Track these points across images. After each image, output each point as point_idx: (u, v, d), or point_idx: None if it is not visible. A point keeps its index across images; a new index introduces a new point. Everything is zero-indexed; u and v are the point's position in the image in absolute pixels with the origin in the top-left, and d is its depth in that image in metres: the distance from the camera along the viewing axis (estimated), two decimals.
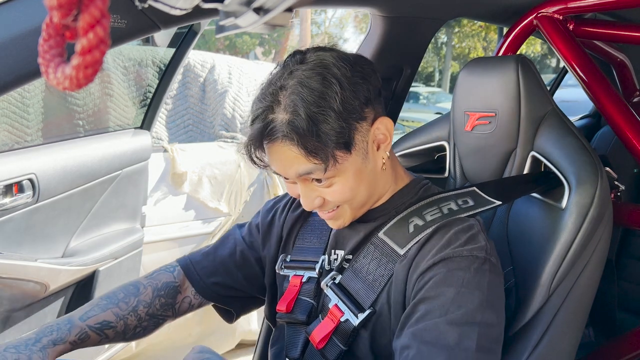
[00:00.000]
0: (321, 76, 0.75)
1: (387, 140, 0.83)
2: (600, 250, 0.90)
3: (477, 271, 0.75)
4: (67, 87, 0.36)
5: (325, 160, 0.75)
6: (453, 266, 0.75)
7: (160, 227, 2.23)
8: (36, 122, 1.65)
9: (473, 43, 18.03)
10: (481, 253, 0.77)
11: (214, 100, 2.73)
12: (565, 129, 0.97)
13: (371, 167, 0.82)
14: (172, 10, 0.51)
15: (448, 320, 0.71)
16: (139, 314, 0.94)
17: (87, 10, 0.34)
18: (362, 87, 0.78)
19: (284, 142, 0.75)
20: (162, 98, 1.91)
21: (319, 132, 0.73)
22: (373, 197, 0.86)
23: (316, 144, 0.74)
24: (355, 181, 0.80)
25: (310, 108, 0.73)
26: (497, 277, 0.78)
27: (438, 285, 0.74)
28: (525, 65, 0.98)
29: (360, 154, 0.79)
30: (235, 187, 2.48)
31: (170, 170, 2.27)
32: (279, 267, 0.97)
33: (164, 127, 2.72)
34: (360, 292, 0.83)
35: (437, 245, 0.78)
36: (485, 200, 0.88)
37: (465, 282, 0.74)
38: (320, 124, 0.73)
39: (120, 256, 1.74)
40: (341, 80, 0.75)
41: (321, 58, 0.77)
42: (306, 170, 0.77)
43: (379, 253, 0.84)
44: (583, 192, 0.88)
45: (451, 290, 0.73)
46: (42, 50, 0.39)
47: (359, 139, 0.79)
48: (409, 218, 0.84)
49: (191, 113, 2.77)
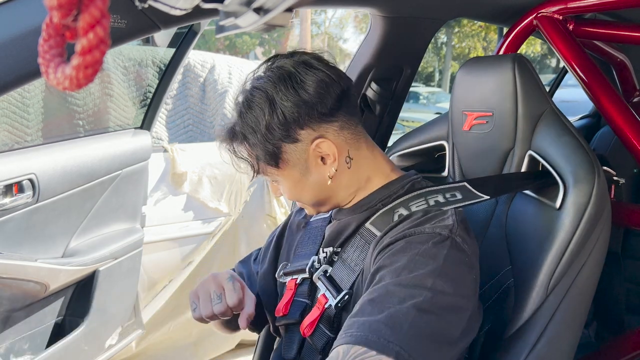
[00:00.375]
0: (260, 97, 0.83)
1: (332, 159, 0.86)
2: (598, 249, 0.90)
3: (436, 244, 0.75)
4: (67, 87, 0.36)
5: (256, 168, 0.87)
6: (413, 239, 0.76)
7: (160, 227, 2.23)
8: (36, 122, 1.65)
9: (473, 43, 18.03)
10: (444, 231, 0.77)
11: (214, 100, 2.73)
12: (562, 128, 0.97)
13: (314, 179, 0.87)
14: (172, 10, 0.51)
15: (396, 282, 0.71)
16: None
17: (87, 10, 0.34)
18: (301, 111, 0.82)
19: (227, 145, 0.89)
20: (162, 98, 1.91)
21: (248, 145, 0.85)
22: (332, 199, 0.90)
23: (246, 153, 0.87)
24: (296, 189, 0.88)
25: (244, 126, 0.85)
26: (459, 253, 0.76)
27: (394, 254, 0.75)
28: (522, 64, 0.98)
29: (296, 169, 0.86)
30: (235, 187, 2.48)
31: (170, 170, 2.27)
32: (278, 274, 1.00)
33: (164, 127, 2.73)
34: (343, 278, 0.86)
35: (405, 225, 0.80)
36: (473, 195, 0.89)
37: (420, 251, 0.74)
38: (249, 141, 0.85)
39: (120, 256, 1.74)
40: (275, 104, 0.82)
41: (271, 76, 0.84)
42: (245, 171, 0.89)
43: (364, 241, 0.86)
44: (580, 191, 0.88)
45: (405, 258, 0.73)
46: (42, 50, 0.40)
47: (294, 157, 0.85)
48: (395, 208, 0.86)
49: (191, 113, 2.78)
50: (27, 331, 1.53)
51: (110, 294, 1.74)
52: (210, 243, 2.42)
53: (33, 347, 1.55)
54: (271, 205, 2.61)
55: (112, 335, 1.82)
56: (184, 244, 2.34)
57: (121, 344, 1.89)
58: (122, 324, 1.87)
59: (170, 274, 2.34)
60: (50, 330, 1.62)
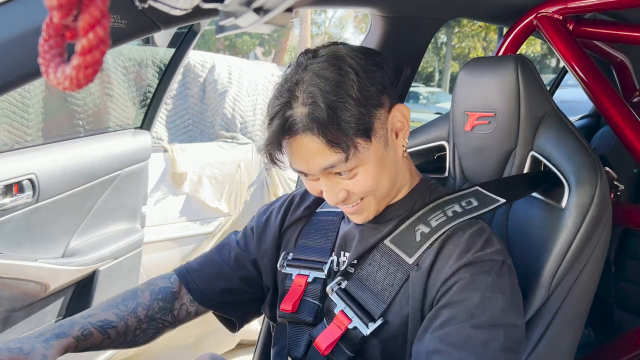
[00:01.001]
0: (336, 66, 0.76)
1: (404, 128, 0.84)
2: (599, 250, 0.90)
3: (499, 274, 0.76)
4: (67, 87, 0.36)
5: (347, 149, 0.75)
6: (476, 270, 0.76)
7: (160, 227, 2.23)
8: (36, 122, 1.65)
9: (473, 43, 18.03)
10: (500, 256, 0.78)
11: (214, 100, 2.73)
12: (564, 128, 0.97)
13: (392, 155, 0.83)
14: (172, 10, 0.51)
15: (474, 324, 0.71)
16: (139, 316, 0.94)
17: (87, 10, 0.34)
18: (378, 74, 0.79)
19: (305, 134, 0.75)
20: (162, 98, 1.91)
21: (339, 121, 0.74)
22: (394, 188, 0.87)
23: (337, 133, 0.74)
24: (378, 170, 0.81)
25: (329, 97, 0.73)
26: (513, 277, 0.79)
27: (462, 290, 0.74)
28: (525, 65, 0.98)
29: (381, 141, 0.80)
30: (235, 187, 2.48)
31: (170, 170, 2.27)
32: (280, 264, 0.96)
33: (164, 127, 2.73)
34: (369, 301, 0.83)
35: (456, 251, 0.78)
36: (489, 199, 0.88)
37: (489, 286, 0.74)
38: (340, 112, 0.74)
39: (120, 256, 1.74)
40: (356, 68, 0.76)
41: (333, 50, 0.79)
42: (329, 163, 0.77)
43: (387, 261, 0.84)
44: (582, 192, 0.88)
45: (476, 295, 0.73)
46: (42, 50, 0.39)
47: (379, 126, 0.79)
48: (414, 225, 0.85)
49: (191, 113, 2.78)
50: (27, 331, 1.53)
51: (111, 294, 1.73)
52: (210, 243, 2.42)
53: None
54: None
55: None
56: (184, 244, 2.34)
57: None
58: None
59: None
60: None
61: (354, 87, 0.75)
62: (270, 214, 1.03)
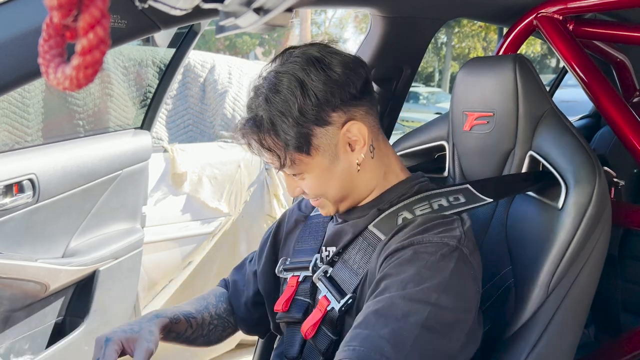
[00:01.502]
0: (288, 80, 0.80)
1: (361, 144, 0.85)
2: (599, 250, 0.90)
3: (444, 256, 0.75)
4: (67, 87, 0.36)
5: (283, 159, 0.81)
6: (420, 249, 0.76)
7: (161, 227, 2.23)
8: (36, 122, 1.65)
9: (473, 43, 18.03)
10: (452, 241, 0.77)
11: (214, 100, 2.73)
12: (563, 128, 0.97)
13: (343, 167, 0.85)
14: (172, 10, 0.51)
15: (402, 295, 0.72)
16: (210, 312, 1.03)
17: (87, 11, 0.34)
18: (332, 91, 0.81)
19: (252, 135, 0.83)
20: (162, 98, 1.91)
21: (277, 133, 0.80)
22: (355, 193, 0.88)
23: (272, 143, 0.81)
24: (324, 179, 0.85)
25: (272, 111, 0.80)
26: (466, 266, 0.77)
27: (402, 264, 0.75)
28: (523, 65, 0.98)
29: (326, 155, 0.83)
30: (235, 187, 2.48)
31: (171, 170, 2.27)
32: (278, 270, 0.99)
33: (164, 127, 2.73)
34: (346, 280, 0.86)
35: (411, 231, 0.79)
36: (476, 198, 0.88)
37: (428, 263, 0.74)
38: (278, 127, 0.80)
39: (120, 256, 1.74)
40: (306, 86, 0.80)
41: (297, 60, 0.82)
42: (268, 164, 0.83)
43: (367, 244, 0.86)
44: (581, 192, 0.88)
45: (412, 269, 0.74)
46: (42, 51, 0.40)
47: (323, 142, 0.82)
48: (399, 212, 0.86)
49: (191, 113, 2.78)
50: (28, 331, 1.53)
51: (111, 294, 1.74)
52: (210, 243, 2.42)
53: (33, 347, 1.55)
54: (271, 205, 2.61)
55: None
56: (184, 244, 2.34)
57: None
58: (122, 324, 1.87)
59: (170, 274, 2.34)
60: (51, 330, 1.61)
61: (295, 106, 0.79)
62: (270, 230, 1.11)
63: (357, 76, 0.83)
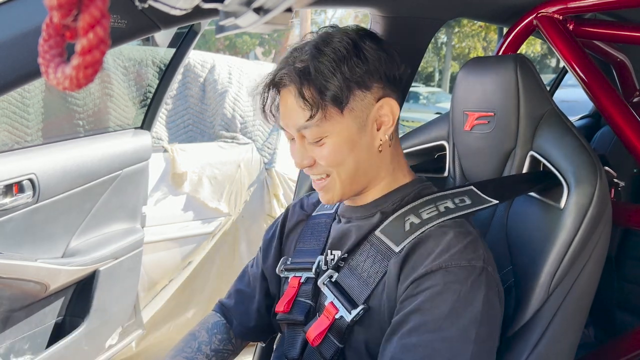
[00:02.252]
0: (341, 38, 0.81)
1: (389, 124, 0.85)
2: (599, 250, 0.90)
3: (474, 284, 0.75)
4: (67, 87, 0.36)
5: (315, 109, 0.79)
6: (451, 278, 0.75)
7: (160, 227, 2.23)
8: (36, 122, 1.65)
9: (473, 43, 18.03)
10: (479, 262, 0.77)
11: (214, 100, 2.73)
12: (564, 128, 0.97)
13: (366, 141, 0.84)
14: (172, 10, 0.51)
15: (442, 337, 0.71)
16: (204, 352, 1.00)
17: (87, 10, 0.34)
18: (380, 62, 0.82)
19: (288, 88, 0.82)
20: (162, 98, 1.91)
21: (318, 82, 0.79)
22: (366, 176, 0.87)
23: (311, 92, 0.79)
24: (345, 147, 0.83)
25: (317, 62, 0.79)
26: (493, 288, 0.78)
27: (434, 297, 0.74)
28: (524, 65, 0.98)
29: (355, 121, 0.82)
30: (235, 187, 2.48)
31: (171, 170, 2.27)
32: (279, 269, 0.98)
33: (164, 127, 2.72)
34: (354, 288, 0.84)
35: (435, 250, 0.77)
36: (482, 199, 0.88)
37: (461, 296, 0.73)
38: (320, 75, 0.79)
39: (120, 256, 1.74)
40: (359, 47, 0.81)
41: (351, 28, 0.84)
42: (300, 123, 0.81)
43: (375, 251, 0.84)
44: (582, 192, 0.88)
45: (446, 306, 0.73)
46: (42, 50, 0.39)
47: (358, 106, 0.82)
48: (405, 216, 0.85)
49: (191, 113, 2.78)
50: (28, 331, 1.53)
51: (111, 294, 1.74)
52: (210, 243, 2.42)
53: (33, 347, 1.55)
54: (271, 205, 2.61)
55: (112, 335, 1.82)
56: (184, 244, 2.34)
57: (121, 344, 1.89)
58: (122, 324, 1.87)
59: (170, 274, 2.34)
60: (51, 330, 1.62)
61: (345, 59, 0.79)
62: (273, 228, 1.08)
63: (397, 63, 0.86)
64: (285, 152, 2.71)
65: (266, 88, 0.86)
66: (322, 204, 1.01)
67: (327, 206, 1.00)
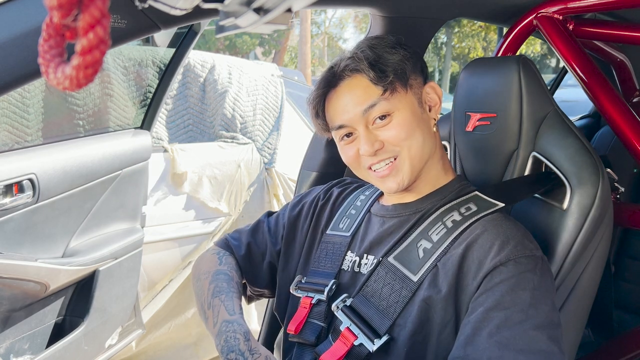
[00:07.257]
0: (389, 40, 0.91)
1: (436, 105, 0.93)
2: (600, 251, 0.90)
3: (542, 272, 0.77)
4: (67, 87, 0.36)
5: (386, 85, 0.85)
6: (522, 269, 0.76)
7: (160, 227, 2.23)
8: (36, 122, 1.65)
9: (473, 43, 18.02)
10: (538, 252, 0.79)
11: (214, 100, 2.73)
12: (566, 129, 0.97)
13: (425, 119, 0.90)
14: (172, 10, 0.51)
15: (533, 325, 0.71)
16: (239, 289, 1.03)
17: (87, 10, 0.34)
18: (420, 59, 0.94)
19: (353, 75, 0.87)
20: (162, 98, 1.91)
21: (382, 61, 0.86)
22: (428, 155, 0.89)
23: (379, 72, 0.85)
24: (412, 121, 0.87)
25: (377, 47, 0.88)
26: (549, 271, 0.81)
27: (513, 289, 0.74)
28: (527, 66, 0.98)
29: (416, 98, 0.89)
30: (235, 187, 2.48)
31: (170, 170, 2.27)
32: (293, 288, 0.98)
33: (164, 127, 2.72)
34: (374, 317, 0.83)
35: (496, 242, 0.78)
36: (488, 204, 0.88)
37: (536, 284, 0.75)
38: (386, 53, 0.87)
39: (120, 256, 1.74)
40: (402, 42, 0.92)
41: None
42: (372, 101, 0.85)
43: (391, 278, 0.84)
44: (584, 193, 0.88)
45: (526, 294, 0.74)
46: (42, 50, 0.39)
47: (415, 85, 0.90)
48: (416, 241, 0.85)
49: (191, 113, 2.78)
50: (28, 331, 1.53)
51: (111, 294, 1.74)
52: (210, 243, 2.42)
53: (33, 347, 1.55)
54: (271, 205, 2.61)
55: (112, 335, 1.82)
56: (184, 244, 2.34)
57: (121, 344, 1.89)
58: (122, 324, 1.87)
59: (170, 274, 2.34)
60: (51, 330, 1.61)
61: (399, 47, 0.89)
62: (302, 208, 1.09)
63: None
64: (285, 152, 2.72)
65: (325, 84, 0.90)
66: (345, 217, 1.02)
67: (343, 227, 1.00)
